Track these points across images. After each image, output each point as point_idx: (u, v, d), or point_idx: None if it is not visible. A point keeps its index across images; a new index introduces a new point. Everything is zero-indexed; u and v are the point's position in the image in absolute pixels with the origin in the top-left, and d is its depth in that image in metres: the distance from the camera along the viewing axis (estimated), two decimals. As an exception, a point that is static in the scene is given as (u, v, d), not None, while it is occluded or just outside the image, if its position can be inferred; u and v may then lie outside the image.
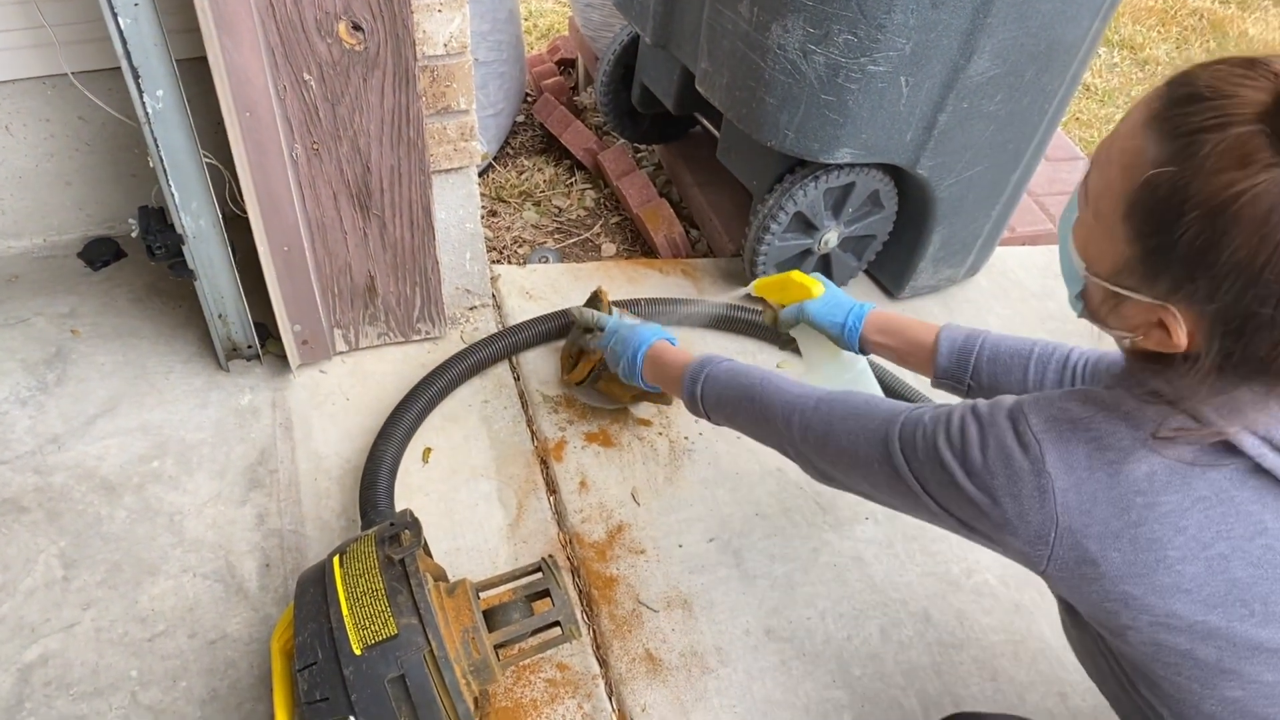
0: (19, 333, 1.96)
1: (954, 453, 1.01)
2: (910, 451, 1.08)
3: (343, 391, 1.95)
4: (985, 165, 2.09)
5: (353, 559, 1.30)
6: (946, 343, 1.48)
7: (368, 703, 1.19)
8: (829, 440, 1.20)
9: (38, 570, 1.60)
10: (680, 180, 2.73)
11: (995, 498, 0.96)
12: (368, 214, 1.77)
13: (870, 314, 1.61)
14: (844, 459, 1.18)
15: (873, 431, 1.14)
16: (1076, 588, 0.96)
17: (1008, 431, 0.97)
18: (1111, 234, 0.88)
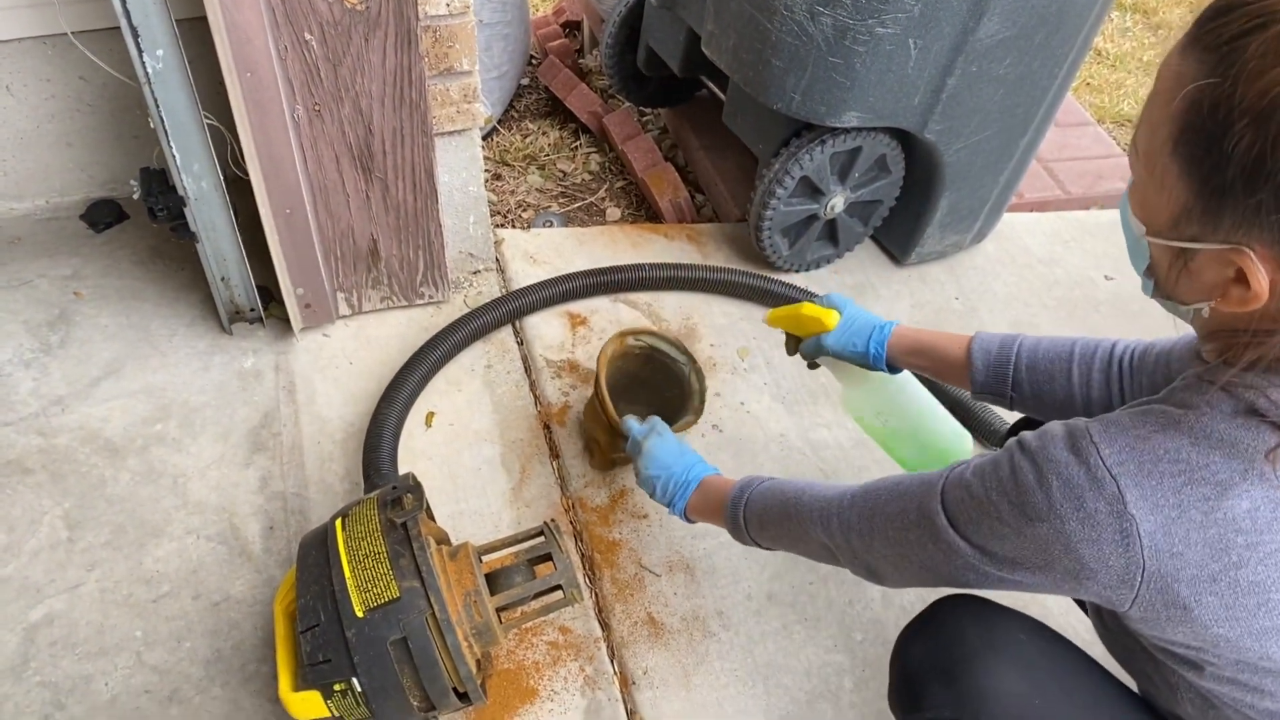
0: (22, 295, 1.96)
1: (1010, 501, 0.90)
2: (959, 514, 0.97)
3: (346, 355, 1.95)
4: (994, 130, 2.07)
5: (355, 522, 1.30)
6: (980, 355, 1.37)
7: (370, 664, 1.20)
8: (873, 533, 1.09)
9: (42, 531, 1.60)
10: (686, 144, 2.71)
11: (1068, 544, 0.86)
12: (370, 176, 1.76)
13: (894, 335, 1.47)
14: (893, 548, 1.06)
15: (915, 506, 1.03)
16: (1160, 627, 0.89)
17: (1074, 467, 0.86)
18: (1164, 180, 0.82)
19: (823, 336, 1.53)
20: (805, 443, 1.94)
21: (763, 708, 1.52)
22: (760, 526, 1.29)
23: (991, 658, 1.06)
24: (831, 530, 1.15)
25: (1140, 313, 2.40)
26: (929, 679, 1.08)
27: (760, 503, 1.29)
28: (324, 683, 1.21)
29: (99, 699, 1.43)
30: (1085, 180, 2.82)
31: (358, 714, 1.24)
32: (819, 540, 1.17)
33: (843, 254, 2.34)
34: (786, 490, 1.27)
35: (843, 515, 1.14)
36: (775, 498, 1.27)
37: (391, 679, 1.21)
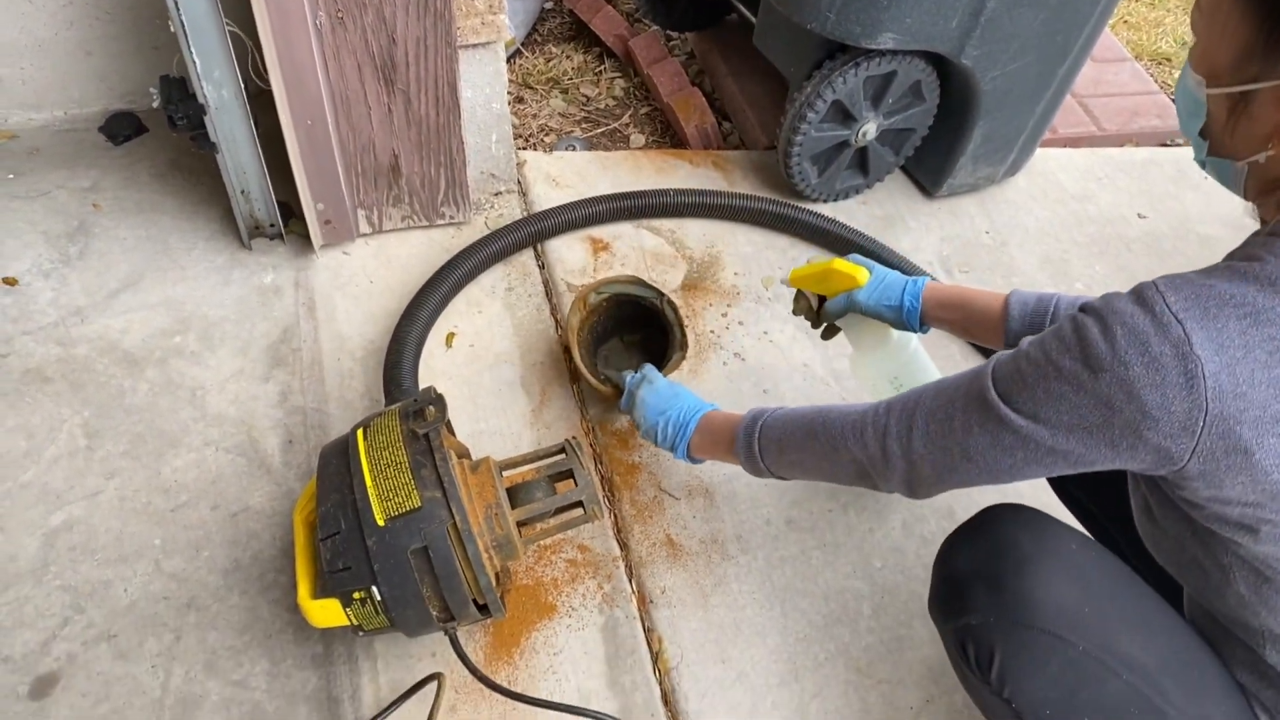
0: (41, 205, 1.94)
1: (1072, 356, 0.90)
2: (1012, 386, 0.97)
3: (366, 274, 1.93)
4: (1032, 57, 2.01)
5: (377, 432, 1.29)
6: (1018, 307, 1.35)
7: (390, 572, 1.19)
8: (913, 430, 1.08)
9: (61, 439, 1.60)
10: (713, 69, 2.65)
11: (1131, 390, 0.86)
12: (392, 88, 1.72)
13: (927, 288, 1.46)
14: (935, 440, 1.05)
15: (961, 393, 1.03)
16: (1218, 480, 0.88)
17: (1139, 315, 0.86)
18: (1225, 25, 0.84)
19: (854, 293, 1.51)
20: (828, 372, 1.91)
21: (779, 629, 1.51)
22: (779, 452, 1.27)
23: (1041, 564, 1.04)
24: (866, 440, 1.13)
25: (1173, 251, 2.35)
26: (975, 584, 1.07)
27: (778, 428, 1.28)
28: (344, 590, 1.21)
29: (118, 604, 1.43)
30: (1121, 117, 2.75)
31: (376, 623, 1.24)
32: (850, 455, 1.16)
33: (872, 184, 2.30)
34: (805, 413, 1.26)
35: (878, 423, 1.12)
36: (795, 421, 1.26)
37: (411, 588, 1.20)
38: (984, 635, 1.05)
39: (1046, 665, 1.02)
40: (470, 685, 1.40)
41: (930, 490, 1.11)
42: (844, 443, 1.16)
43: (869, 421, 1.14)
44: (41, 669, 1.36)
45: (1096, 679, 1.01)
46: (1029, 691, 1.03)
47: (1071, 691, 1.02)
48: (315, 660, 1.41)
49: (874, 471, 1.14)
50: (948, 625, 1.10)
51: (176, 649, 1.40)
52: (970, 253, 2.24)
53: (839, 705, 1.44)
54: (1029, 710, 1.04)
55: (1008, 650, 1.03)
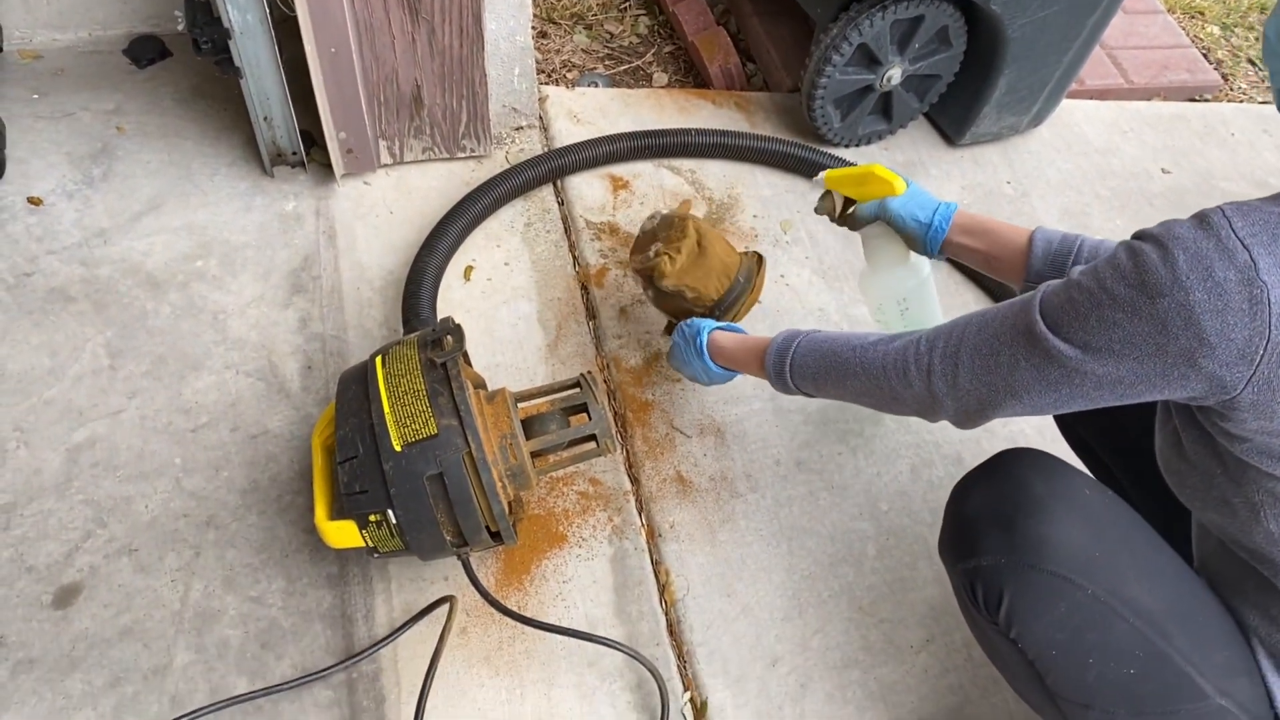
0: (65, 126, 1.95)
1: (1128, 282, 0.89)
2: (1062, 315, 0.96)
3: (386, 204, 1.94)
4: (1061, 5, 1.99)
5: (395, 360, 1.31)
6: (1042, 244, 1.33)
7: (406, 497, 1.22)
8: (959, 367, 1.08)
9: (85, 358, 1.63)
10: (739, 9, 2.62)
11: (1190, 316, 0.85)
12: (417, 18, 1.72)
13: (957, 214, 1.46)
14: (980, 376, 1.05)
15: (1008, 327, 1.02)
16: (1270, 410, 0.88)
17: (1202, 240, 0.85)
18: None
19: (888, 201, 1.49)
20: (844, 318, 1.92)
21: (785, 566, 1.54)
22: (814, 382, 1.30)
23: (1054, 506, 1.05)
24: (911, 379, 1.13)
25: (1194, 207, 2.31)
26: (987, 525, 1.08)
27: (814, 360, 1.29)
28: (360, 513, 1.24)
29: (139, 519, 1.47)
30: (1150, 70, 2.72)
31: (391, 545, 1.27)
32: (893, 393, 1.17)
33: (895, 130, 2.28)
34: (841, 346, 1.26)
35: (921, 361, 1.12)
36: (831, 354, 1.27)
37: (426, 513, 1.23)
38: (994, 576, 1.06)
39: (1055, 607, 1.03)
40: (481, 609, 1.43)
41: (980, 422, 1.12)
42: (887, 381, 1.17)
43: (911, 359, 1.14)
44: (65, 579, 1.40)
45: (1104, 622, 1.02)
46: (1036, 633, 1.05)
47: (1078, 633, 1.03)
48: (330, 580, 1.44)
49: (921, 407, 1.15)
50: (958, 566, 1.11)
51: (196, 564, 1.43)
52: (991, 202, 2.23)
53: (840, 641, 1.48)
54: (1035, 651, 1.06)
55: (1017, 591, 1.04)
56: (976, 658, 1.48)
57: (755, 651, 1.45)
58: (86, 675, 1.32)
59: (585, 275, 1.91)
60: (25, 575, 1.39)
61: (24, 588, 1.38)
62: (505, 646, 1.41)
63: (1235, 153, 2.54)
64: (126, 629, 1.36)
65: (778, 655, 1.45)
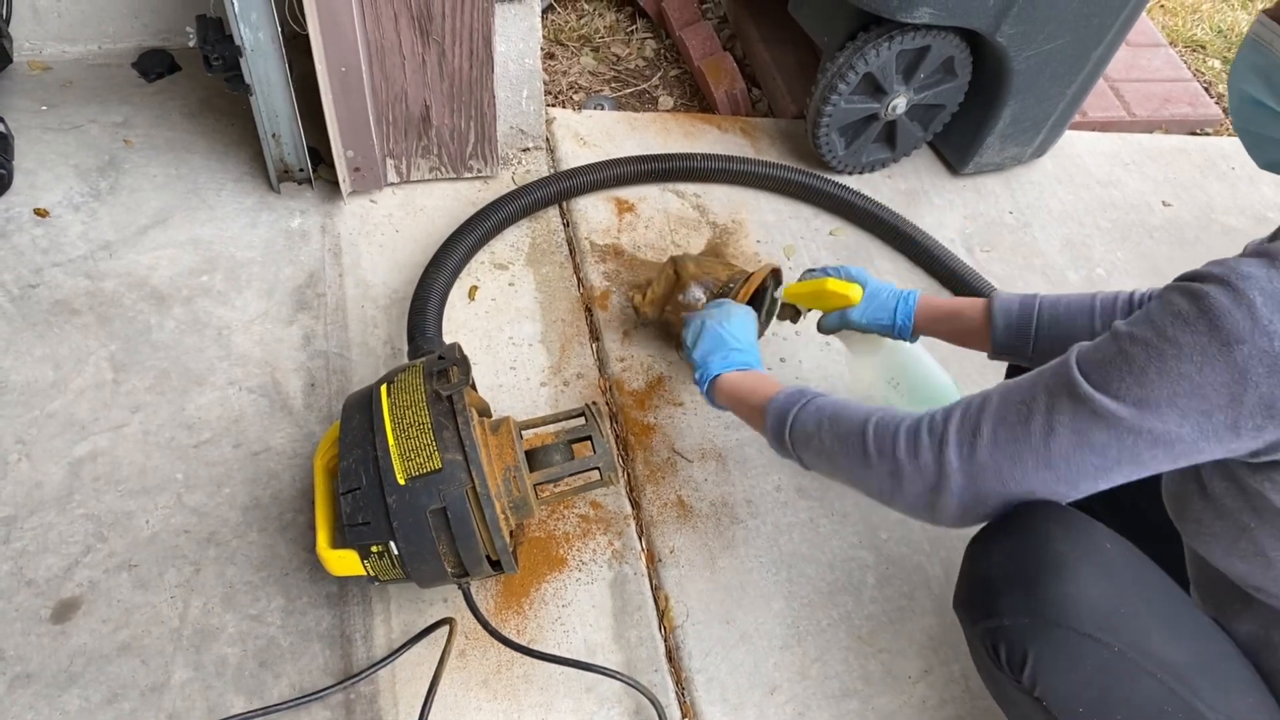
0: (73, 138, 1.95)
1: (1195, 329, 0.82)
2: (1112, 371, 0.88)
3: (392, 223, 1.94)
4: (1067, 39, 2.00)
5: (400, 390, 1.31)
6: (1001, 315, 1.34)
7: (408, 530, 1.22)
8: (978, 436, 0.97)
9: (88, 371, 1.63)
10: (745, 35, 2.64)
11: (1275, 361, 0.79)
12: (428, 39, 1.73)
13: (919, 304, 1.48)
14: (1005, 447, 0.95)
15: (1041, 390, 0.94)
16: None
17: (1270, 271, 0.79)
18: None
19: (847, 311, 1.55)
20: (845, 344, 1.93)
21: (785, 594, 1.54)
22: (814, 443, 1.18)
23: (1077, 564, 1.01)
24: (920, 448, 1.03)
25: (1195, 241, 2.35)
26: (1009, 585, 1.03)
27: (816, 415, 1.17)
28: (362, 543, 1.24)
29: (139, 534, 1.46)
30: (1152, 103, 2.74)
31: (392, 574, 1.27)
32: (891, 466, 1.06)
33: (899, 158, 2.30)
34: (850, 407, 1.14)
35: (935, 429, 1.02)
36: (838, 413, 1.15)
37: (428, 545, 1.23)
38: (1017, 636, 1.02)
39: (1081, 666, 1.00)
40: (481, 632, 1.43)
41: (989, 509, 1.02)
42: (891, 448, 1.06)
43: (924, 427, 1.04)
44: (64, 594, 1.39)
45: (1131, 678, 1.00)
46: (1062, 691, 1.02)
47: (1106, 691, 1.01)
48: (330, 599, 1.44)
49: (925, 486, 1.03)
50: (978, 626, 1.07)
51: (195, 581, 1.43)
52: (993, 232, 2.24)
53: (839, 671, 1.47)
54: (1061, 708, 1.03)
55: (1042, 651, 1.01)
56: (975, 689, 1.48)
57: (754, 679, 1.45)
58: (84, 691, 1.31)
59: (589, 297, 1.91)
60: (24, 589, 1.39)
61: (23, 601, 1.38)
62: (504, 670, 1.41)
63: (1235, 187, 2.55)
64: (125, 645, 1.36)
65: (776, 683, 1.45)
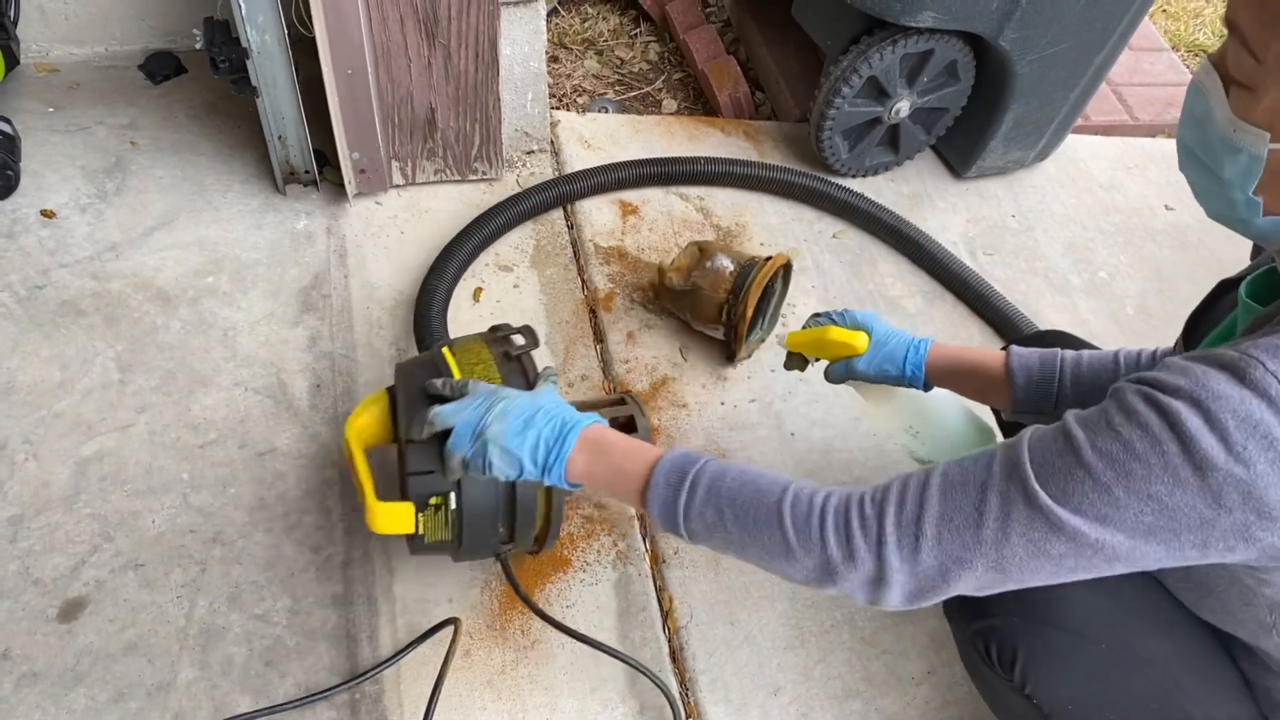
0: (80, 140, 1.96)
1: (1165, 452, 0.76)
2: (1071, 485, 0.80)
3: (397, 225, 1.95)
4: (1070, 43, 2.01)
5: (464, 351, 1.28)
6: (1021, 374, 1.27)
7: (473, 486, 1.18)
8: (920, 540, 0.86)
9: (95, 371, 1.63)
10: (749, 39, 2.65)
11: (1250, 490, 0.74)
12: (434, 42, 1.74)
13: (930, 353, 1.36)
14: (951, 552, 0.85)
15: (993, 493, 0.84)
16: None
17: (1252, 401, 0.73)
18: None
19: (853, 361, 1.41)
20: (849, 347, 1.93)
21: (788, 595, 1.54)
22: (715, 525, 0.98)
23: None
24: (855, 547, 0.89)
25: (1198, 244, 2.36)
26: None
27: (715, 503, 0.98)
28: (423, 494, 1.18)
29: (146, 534, 1.47)
30: (1154, 107, 2.74)
31: (441, 535, 1.22)
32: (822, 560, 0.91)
33: (902, 162, 2.30)
34: (763, 483, 0.97)
35: (869, 528, 0.89)
36: (748, 489, 0.97)
37: (488, 504, 1.21)
38: (1007, 635, 1.04)
39: (1070, 664, 1.03)
40: (485, 631, 1.43)
41: (935, 600, 0.91)
42: (819, 541, 0.91)
43: (854, 518, 0.90)
44: (70, 593, 1.40)
45: (1119, 676, 1.02)
46: (1052, 689, 1.04)
47: (1095, 688, 1.03)
48: (335, 600, 1.44)
49: (853, 580, 0.90)
50: (968, 627, 1.08)
51: (201, 581, 1.44)
52: (995, 235, 2.25)
53: (842, 672, 1.48)
54: (1051, 706, 1.05)
55: (1032, 650, 1.03)
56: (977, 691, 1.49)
57: (757, 680, 1.45)
58: (90, 690, 1.32)
59: (593, 299, 1.92)
60: (31, 588, 1.39)
61: (30, 601, 1.38)
62: (508, 670, 1.41)
63: (1238, 191, 2.55)
64: (131, 644, 1.36)
65: (780, 684, 1.45)
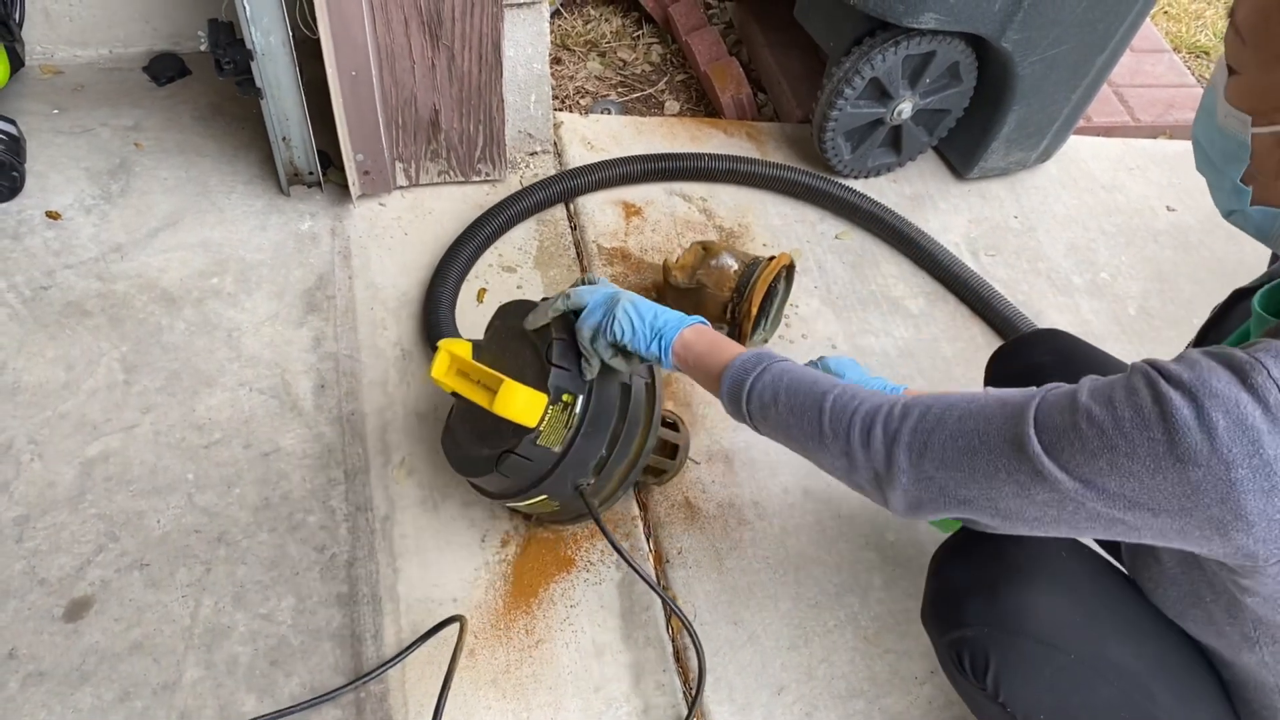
0: (84, 141, 1.97)
1: (1152, 436, 0.76)
2: (1063, 442, 0.82)
3: (401, 226, 1.96)
4: (1071, 44, 2.01)
5: None
6: None
7: (601, 390, 1.32)
8: (928, 448, 0.91)
9: (100, 372, 1.64)
10: (751, 40, 2.65)
11: (1229, 492, 0.74)
12: (437, 44, 1.74)
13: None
14: (951, 469, 0.89)
15: (995, 430, 0.87)
16: None
17: (1248, 405, 0.73)
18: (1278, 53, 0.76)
19: None
20: (852, 348, 1.93)
21: (792, 595, 1.55)
22: (770, 411, 1.08)
23: (1034, 572, 1.05)
24: (873, 436, 0.95)
25: (1199, 244, 2.36)
26: (969, 595, 1.07)
27: (783, 381, 1.07)
28: (560, 387, 1.28)
29: (151, 534, 1.47)
30: (1156, 108, 2.75)
31: (556, 436, 1.30)
32: (846, 446, 0.98)
33: (904, 163, 2.31)
34: (813, 380, 1.05)
35: (890, 424, 0.95)
36: (798, 384, 1.05)
37: (608, 413, 1.34)
38: (980, 645, 1.06)
39: (1040, 673, 1.04)
40: (489, 631, 1.44)
41: (929, 516, 0.96)
42: (846, 430, 0.98)
43: (880, 418, 0.96)
44: (76, 593, 1.40)
45: (1088, 685, 1.03)
46: (1024, 698, 1.06)
47: (1064, 697, 1.04)
48: (340, 599, 1.45)
49: (874, 474, 0.97)
50: (944, 638, 1.10)
51: (206, 580, 1.44)
52: (997, 236, 2.25)
53: (846, 671, 1.48)
54: (1024, 714, 1.07)
55: (1003, 659, 1.04)
56: (980, 690, 1.49)
57: (761, 680, 1.46)
58: (96, 689, 1.32)
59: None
60: (37, 588, 1.40)
61: (35, 600, 1.39)
62: (513, 669, 1.41)
63: (1239, 192, 2.56)
64: (136, 644, 1.37)
65: (783, 684, 1.46)
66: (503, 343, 1.40)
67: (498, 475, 1.31)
